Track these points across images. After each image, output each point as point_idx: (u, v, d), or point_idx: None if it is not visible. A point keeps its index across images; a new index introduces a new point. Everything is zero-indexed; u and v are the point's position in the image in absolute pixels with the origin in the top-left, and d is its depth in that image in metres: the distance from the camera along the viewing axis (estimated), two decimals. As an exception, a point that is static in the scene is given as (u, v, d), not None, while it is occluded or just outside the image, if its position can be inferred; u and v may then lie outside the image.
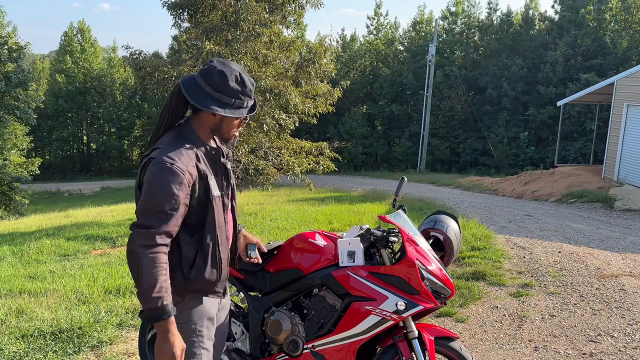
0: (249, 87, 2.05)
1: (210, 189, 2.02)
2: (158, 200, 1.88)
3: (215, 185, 2.07)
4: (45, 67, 46.97)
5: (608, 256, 6.86)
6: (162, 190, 1.88)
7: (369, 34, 38.58)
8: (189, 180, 1.94)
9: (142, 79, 10.22)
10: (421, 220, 5.94)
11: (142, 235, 1.85)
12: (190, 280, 2.05)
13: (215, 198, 2.06)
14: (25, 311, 4.40)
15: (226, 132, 2.09)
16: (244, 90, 2.04)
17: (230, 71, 2.01)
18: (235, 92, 2.01)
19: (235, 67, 2.04)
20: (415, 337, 2.57)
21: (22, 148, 24.59)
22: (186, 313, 2.10)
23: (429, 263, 2.62)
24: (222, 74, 2.00)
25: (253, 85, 2.08)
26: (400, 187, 3.08)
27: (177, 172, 1.89)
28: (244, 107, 2.05)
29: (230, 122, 2.06)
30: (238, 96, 2.02)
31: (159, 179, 1.88)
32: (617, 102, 15.25)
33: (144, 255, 1.83)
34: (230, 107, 2.01)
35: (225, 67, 2.01)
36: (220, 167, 2.13)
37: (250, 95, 2.07)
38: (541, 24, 33.21)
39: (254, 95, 2.10)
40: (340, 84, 11.14)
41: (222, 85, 1.99)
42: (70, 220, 11.49)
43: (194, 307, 2.11)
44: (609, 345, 3.98)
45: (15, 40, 21.83)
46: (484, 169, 29.17)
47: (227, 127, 2.08)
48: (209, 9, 9.86)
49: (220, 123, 2.05)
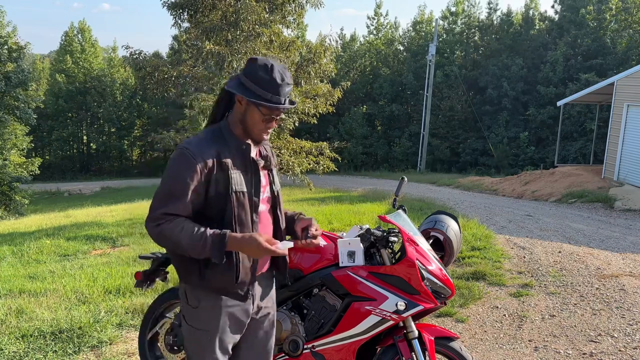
0: (276, 80, 1.96)
1: (231, 184, 1.98)
2: (167, 183, 1.96)
3: (241, 181, 2.02)
4: (45, 67, 46.95)
5: (608, 256, 6.85)
6: (172, 174, 1.95)
7: (369, 34, 38.60)
8: (202, 167, 1.93)
9: (142, 79, 10.23)
10: (421, 220, 5.94)
11: (150, 218, 1.96)
12: (205, 279, 2.02)
13: (238, 194, 2.00)
14: (25, 311, 4.40)
15: (251, 126, 2.03)
16: (269, 81, 1.96)
17: (265, 62, 1.99)
18: (260, 80, 1.96)
19: (275, 62, 2.00)
20: (416, 337, 2.56)
21: (22, 148, 24.58)
22: (201, 319, 2.07)
23: (429, 263, 2.62)
24: (254, 61, 2.00)
25: (284, 81, 1.98)
26: (400, 187, 3.07)
27: (189, 157, 1.92)
28: (266, 98, 1.96)
29: (253, 115, 2.00)
30: (262, 85, 1.96)
31: (172, 163, 1.96)
32: (617, 102, 15.25)
33: (160, 230, 1.92)
34: (250, 92, 1.96)
35: (265, 59, 2.00)
36: (250, 163, 2.07)
37: (276, 90, 1.96)
38: (541, 23, 33.21)
39: (284, 93, 1.99)
40: (340, 84, 11.13)
41: (251, 71, 1.97)
42: (70, 220, 11.49)
43: (210, 315, 2.06)
44: (609, 345, 3.97)
45: (15, 40, 21.83)
46: (484, 169, 29.16)
47: (250, 120, 2.02)
48: (209, 8, 9.86)
49: (244, 114, 2.01)
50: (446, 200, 13.47)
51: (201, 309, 2.06)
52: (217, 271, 2.00)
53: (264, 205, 2.14)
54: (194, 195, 1.95)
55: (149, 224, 1.96)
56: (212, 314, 2.06)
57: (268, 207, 2.17)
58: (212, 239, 1.90)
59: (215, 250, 1.90)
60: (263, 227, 2.14)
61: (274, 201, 2.20)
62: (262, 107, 1.97)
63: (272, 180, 2.19)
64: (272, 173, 2.20)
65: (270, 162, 2.19)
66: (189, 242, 1.90)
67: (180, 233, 1.90)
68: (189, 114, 10.48)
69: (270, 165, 2.19)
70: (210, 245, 1.90)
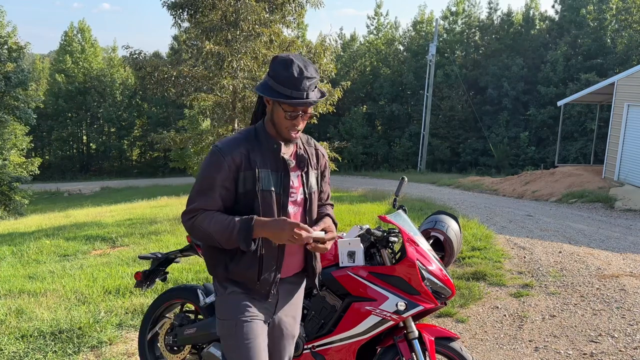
0: (294, 75, 1.93)
1: (258, 181, 1.99)
2: (199, 180, 2.03)
3: (270, 180, 2.02)
4: (45, 67, 46.99)
5: (608, 256, 6.84)
6: (202, 170, 2.02)
7: (369, 33, 38.63)
8: (230, 164, 1.97)
9: (142, 79, 10.22)
10: (421, 220, 5.93)
11: (185, 212, 2.02)
12: (229, 271, 2.06)
13: (265, 192, 2.00)
14: (24, 311, 4.40)
15: (278, 125, 2.02)
16: (288, 77, 1.93)
17: (284, 58, 1.98)
18: (280, 77, 1.95)
19: (295, 57, 1.98)
20: (416, 338, 2.56)
21: (22, 148, 24.61)
22: (227, 308, 2.08)
23: (429, 263, 2.61)
24: (275, 59, 1.99)
25: (303, 75, 1.95)
26: (401, 187, 3.07)
27: (219, 155, 1.98)
28: (286, 94, 1.94)
29: (278, 114, 2.00)
30: (282, 81, 1.94)
31: (205, 161, 2.03)
32: (618, 102, 15.24)
33: (193, 222, 1.99)
34: (272, 91, 1.96)
35: (285, 55, 1.99)
36: (280, 163, 2.05)
37: (295, 85, 1.93)
38: (541, 23, 33.23)
39: (305, 87, 1.95)
40: (340, 84, 11.12)
41: (272, 69, 1.97)
42: (69, 220, 11.49)
43: (236, 303, 2.08)
44: (610, 345, 3.97)
45: (15, 40, 21.83)
46: (484, 169, 29.17)
47: (277, 119, 2.01)
48: (208, 8, 9.86)
49: (272, 113, 2.02)
50: (446, 200, 13.46)
51: (228, 299, 2.08)
52: (241, 266, 2.03)
53: (294, 207, 2.10)
54: (224, 191, 1.99)
55: (184, 217, 2.03)
56: (238, 303, 2.07)
57: (300, 209, 2.13)
58: (240, 224, 1.93)
59: (242, 235, 1.92)
60: None
61: (306, 204, 2.14)
62: (284, 105, 1.96)
63: (305, 182, 2.13)
64: (307, 175, 2.14)
65: (307, 163, 2.14)
66: (219, 231, 1.94)
67: (211, 223, 1.96)
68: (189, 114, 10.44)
69: (305, 167, 2.13)
70: (237, 230, 1.93)
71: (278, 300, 2.16)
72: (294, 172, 2.10)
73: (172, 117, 35.56)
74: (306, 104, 1.97)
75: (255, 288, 2.07)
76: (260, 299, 2.09)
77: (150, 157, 41.78)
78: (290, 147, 2.12)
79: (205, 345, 2.94)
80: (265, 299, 2.10)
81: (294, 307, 2.26)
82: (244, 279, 2.06)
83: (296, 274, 2.21)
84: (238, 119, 10.57)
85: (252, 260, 2.03)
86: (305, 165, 2.13)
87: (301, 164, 2.12)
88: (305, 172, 2.13)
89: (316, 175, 2.19)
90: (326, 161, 2.29)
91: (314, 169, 2.18)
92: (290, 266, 2.15)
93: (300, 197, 2.12)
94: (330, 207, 2.35)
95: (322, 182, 2.26)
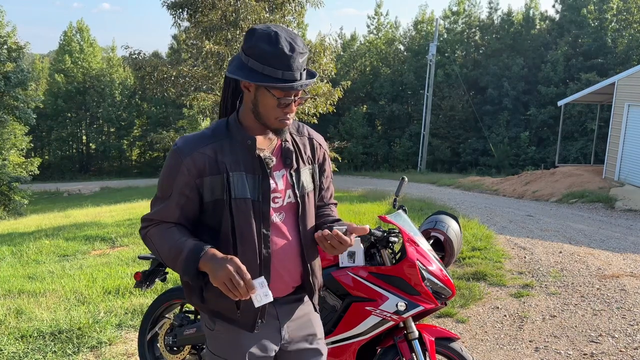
0: (284, 51, 1.52)
1: (230, 189, 1.61)
2: (158, 184, 1.69)
3: (244, 185, 1.63)
4: (45, 66, 46.96)
5: (609, 256, 6.84)
6: (161, 174, 1.68)
7: (369, 33, 38.63)
8: (189, 167, 1.60)
9: (141, 79, 10.23)
10: (422, 220, 5.92)
11: (142, 220, 1.72)
12: (205, 299, 1.69)
13: (239, 201, 1.62)
14: (24, 311, 4.39)
15: (265, 116, 1.61)
16: (276, 55, 1.52)
17: (266, 30, 1.55)
18: (265, 55, 1.53)
19: (279, 29, 1.56)
20: (416, 338, 2.55)
21: (22, 148, 24.60)
22: (219, 344, 1.75)
23: (430, 263, 2.60)
24: (253, 33, 1.56)
25: (295, 51, 1.54)
26: (401, 187, 3.06)
27: (177, 156, 1.61)
28: (276, 77, 1.53)
29: (266, 101, 1.58)
30: (268, 61, 1.53)
31: (165, 163, 1.69)
32: (618, 102, 15.23)
33: (146, 235, 1.68)
34: (256, 74, 1.54)
35: (266, 27, 1.56)
36: (257, 163, 1.65)
37: (286, 64, 1.53)
38: (542, 23, 33.25)
39: (297, 67, 1.55)
40: (340, 83, 11.12)
41: (251, 46, 1.55)
42: (69, 220, 11.48)
43: (226, 341, 1.72)
44: (610, 345, 3.96)
45: (15, 40, 21.83)
46: (484, 169, 29.18)
47: (264, 108, 1.60)
48: (208, 8, 9.86)
49: (255, 102, 1.60)
50: (447, 200, 13.45)
51: (217, 333, 1.74)
52: (214, 293, 1.63)
53: (280, 214, 1.71)
54: (183, 199, 1.63)
55: (141, 225, 1.71)
56: (228, 339, 1.72)
57: (289, 217, 1.73)
58: (187, 253, 1.56)
59: (185, 264, 1.55)
60: (280, 242, 1.71)
61: (298, 209, 1.74)
62: (274, 90, 1.56)
63: (295, 183, 1.72)
64: (298, 173, 1.74)
65: (297, 158, 1.74)
66: (165, 252, 1.60)
67: (161, 240, 1.62)
68: (188, 114, 10.44)
69: (293, 163, 1.73)
70: (183, 258, 1.56)
71: (280, 323, 1.78)
72: (278, 171, 1.70)
73: (172, 117, 35.57)
74: (302, 88, 1.57)
75: (237, 319, 1.69)
76: (247, 330, 1.70)
77: (150, 157, 41.79)
78: (272, 140, 1.72)
79: (205, 345, 2.93)
80: (251, 330, 1.70)
81: (305, 325, 1.84)
82: (221, 308, 1.68)
83: (292, 292, 1.80)
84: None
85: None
86: (293, 161, 1.73)
87: (287, 161, 1.71)
88: (295, 169, 1.73)
89: (311, 171, 1.78)
90: (325, 151, 1.86)
91: (307, 164, 1.77)
92: (281, 285, 1.74)
93: (289, 202, 1.72)
94: (334, 206, 1.97)
95: (321, 177, 1.85)
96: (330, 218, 1.86)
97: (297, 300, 1.83)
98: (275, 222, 1.69)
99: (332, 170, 1.94)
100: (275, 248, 1.69)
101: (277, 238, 1.70)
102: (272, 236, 1.69)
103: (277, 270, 1.70)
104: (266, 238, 1.67)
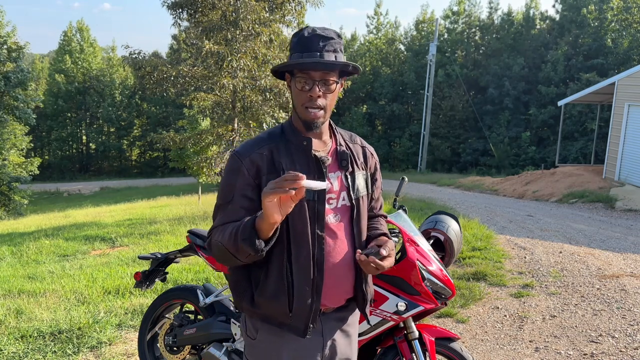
0: (304, 36, 1.61)
1: None
2: (219, 191, 1.70)
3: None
4: (45, 66, 47.00)
5: (609, 256, 6.83)
6: (222, 179, 1.70)
7: (369, 33, 38.64)
8: (248, 167, 1.62)
9: (141, 79, 10.22)
10: (422, 220, 5.92)
11: (208, 233, 1.69)
12: (255, 304, 1.68)
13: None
14: (24, 311, 4.39)
15: (296, 105, 1.65)
16: (298, 41, 1.62)
17: (301, 28, 1.68)
18: (294, 45, 1.64)
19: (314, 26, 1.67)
20: (416, 338, 2.55)
21: (21, 148, 24.62)
22: (260, 355, 1.72)
23: (430, 263, 2.60)
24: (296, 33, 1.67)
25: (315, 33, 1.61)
26: (401, 187, 3.06)
27: (236, 159, 1.65)
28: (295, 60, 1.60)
29: (294, 89, 1.64)
30: (294, 49, 1.63)
31: (224, 169, 1.71)
32: (618, 101, 15.23)
33: (211, 242, 1.63)
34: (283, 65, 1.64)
35: (306, 27, 1.69)
36: (313, 163, 1.65)
37: (306, 46, 1.60)
38: (542, 23, 33.25)
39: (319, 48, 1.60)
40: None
41: (290, 44, 1.67)
42: (69, 220, 11.48)
43: (269, 351, 1.70)
44: (610, 345, 3.96)
45: (15, 40, 21.84)
46: (484, 169, 29.18)
47: (294, 97, 1.65)
48: (208, 8, 9.86)
49: (291, 94, 1.67)
50: (447, 200, 13.45)
51: (259, 342, 1.71)
52: (267, 294, 1.64)
53: (336, 215, 1.69)
54: (246, 202, 1.62)
55: (207, 238, 1.69)
56: (272, 349, 1.69)
57: (343, 219, 1.71)
58: (245, 221, 1.52)
59: (244, 232, 1.48)
60: (334, 243, 1.69)
61: (353, 212, 1.72)
62: (297, 75, 1.60)
63: (350, 185, 1.71)
64: (353, 176, 1.73)
65: (352, 162, 1.75)
66: (228, 239, 1.54)
67: (223, 233, 1.57)
68: (188, 114, 10.44)
69: (349, 166, 1.73)
70: (241, 227, 1.50)
71: (324, 340, 1.73)
72: (333, 173, 1.70)
73: (172, 117, 35.57)
74: (319, 65, 1.57)
75: (288, 322, 1.65)
76: (297, 334, 1.66)
77: (150, 157, 41.82)
78: (326, 143, 1.73)
79: (205, 345, 2.93)
80: (302, 335, 1.65)
81: (345, 348, 1.79)
82: (273, 312, 1.66)
83: (343, 305, 1.77)
84: (238, 119, 10.56)
85: (277, 286, 1.63)
86: (348, 163, 1.73)
87: (342, 162, 1.72)
88: (350, 172, 1.73)
89: (365, 177, 1.78)
90: (376, 162, 1.88)
91: (362, 169, 1.78)
92: (335, 293, 1.71)
93: (343, 204, 1.71)
94: (384, 219, 1.95)
95: (373, 186, 1.85)
96: (378, 232, 1.84)
97: (343, 318, 1.80)
98: (330, 223, 1.68)
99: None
100: (329, 250, 1.67)
101: (331, 240, 1.68)
102: (327, 238, 1.67)
103: (330, 276, 1.68)
104: (320, 239, 1.64)
